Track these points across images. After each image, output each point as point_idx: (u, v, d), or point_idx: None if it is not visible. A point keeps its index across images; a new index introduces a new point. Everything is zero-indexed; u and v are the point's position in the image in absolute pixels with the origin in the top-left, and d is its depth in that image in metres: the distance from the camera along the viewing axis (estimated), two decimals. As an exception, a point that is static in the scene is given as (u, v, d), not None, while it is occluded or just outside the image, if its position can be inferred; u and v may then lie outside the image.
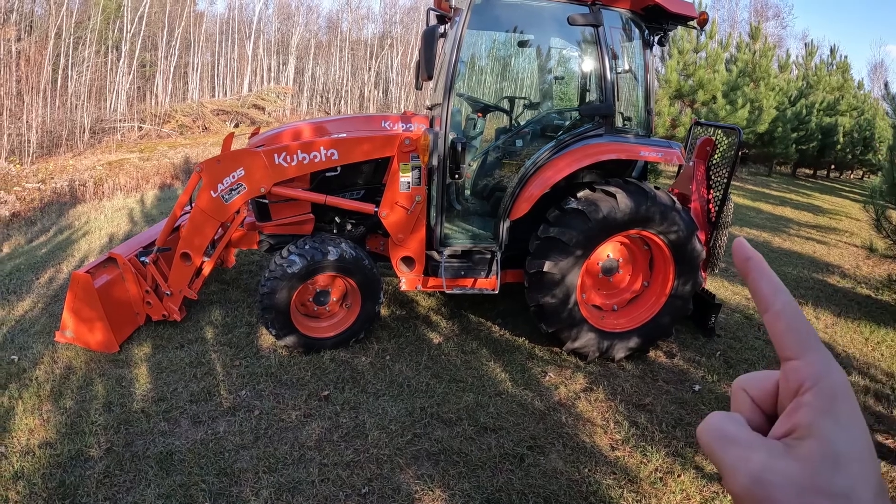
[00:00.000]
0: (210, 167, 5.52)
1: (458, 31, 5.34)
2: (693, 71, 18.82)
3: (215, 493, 3.92)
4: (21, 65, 26.02)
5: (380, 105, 49.71)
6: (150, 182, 16.91)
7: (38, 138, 24.60)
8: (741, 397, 0.65)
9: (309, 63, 48.90)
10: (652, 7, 5.63)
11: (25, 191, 16.98)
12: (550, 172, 5.49)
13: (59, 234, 10.71)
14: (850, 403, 0.55)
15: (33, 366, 5.45)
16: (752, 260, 0.63)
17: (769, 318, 0.60)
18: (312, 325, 5.73)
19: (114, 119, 30.80)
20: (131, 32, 35.75)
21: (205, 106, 32.39)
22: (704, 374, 5.70)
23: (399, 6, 54.89)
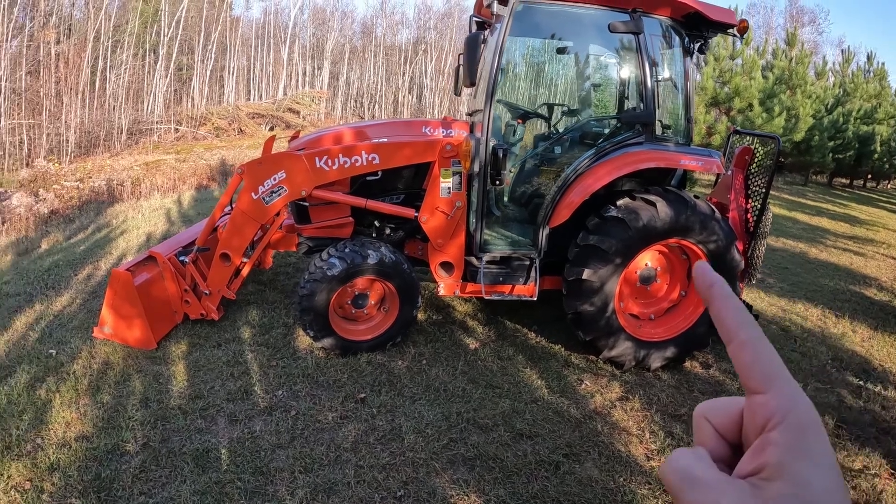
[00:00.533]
0: (251, 169, 5.56)
1: (500, 38, 5.34)
2: (729, 78, 18.67)
3: (251, 492, 3.95)
4: (60, 67, 26.39)
5: (413, 110, 49.80)
6: (186, 183, 17.08)
7: (76, 138, 24.95)
8: (703, 426, 0.62)
9: (343, 68, 49.15)
10: (693, 14, 5.59)
11: (64, 189, 17.20)
12: (591, 180, 5.47)
13: (97, 232, 10.85)
14: (820, 439, 0.52)
15: (71, 360, 5.53)
16: (716, 286, 0.59)
17: (733, 350, 0.57)
18: (350, 328, 5.75)
19: (151, 121, 31.13)
20: (168, 36, 36.13)
21: (240, 109, 32.66)
22: (740, 386, 5.55)
23: (433, 12, 55.22)
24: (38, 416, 4.76)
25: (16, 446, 4.38)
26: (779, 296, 8.36)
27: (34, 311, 6.77)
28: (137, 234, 10.11)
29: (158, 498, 3.90)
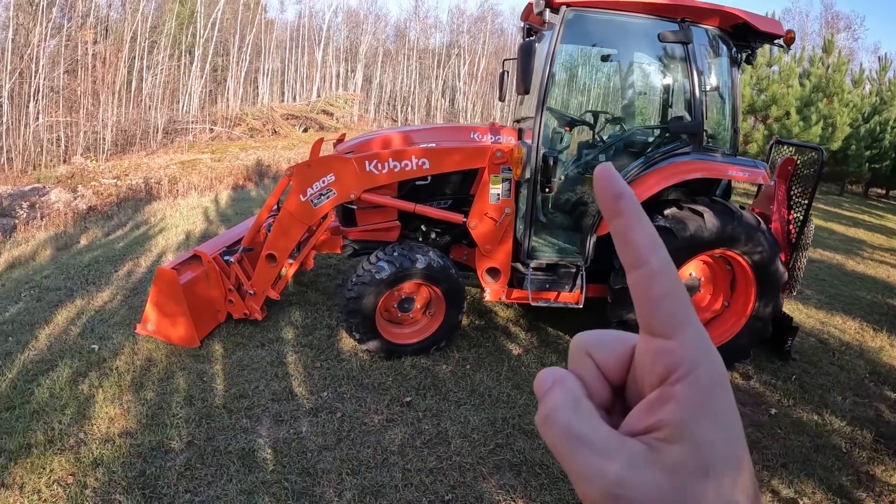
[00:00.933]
0: (300, 171, 5.58)
1: (552, 46, 5.35)
2: (766, 85, 18.47)
3: (298, 493, 3.96)
4: (97, 66, 26.69)
5: (446, 114, 49.85)
6: (223, 182, 17.19)
7: (112, 136, 25.22)
8: (583, 361, 0.53)
9: (377, 71, 49.31)
10: (740, 25, 5.57)
11: (102, 186, 17.40)
12: (640, 189, 5.43)
13: (135, 229, 10.94)
14: (728, 400, 0.45)
15: (113, 356, 5.58)
16: (625, 198, 0.48)
17: (638, 278, 0.47)
18: (395, 331, 5.76)
19: (186, 120, 31.43)
20: (204, 38, 36.41)
21: (275, 110, 32.91)
22: (780, 398, 5.59)
23: (466, 16, 55.08)
24: (80, 410, 4.80)
25: (58, 440, 4.43)
26: (816, 308, 8.27)
27: (75, 305, 6.82)
28: (176, 233, 10.18)
29: (204, 496, 3.92)
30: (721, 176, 5.66)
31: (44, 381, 5.18)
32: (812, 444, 4.91)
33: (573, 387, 0.50)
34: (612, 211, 0.48)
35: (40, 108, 23.53)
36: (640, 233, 0.47)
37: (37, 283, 7.68)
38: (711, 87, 5.82)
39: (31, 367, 5.45)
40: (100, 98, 25.88)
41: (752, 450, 4.65)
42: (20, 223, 12.87)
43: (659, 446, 0.44)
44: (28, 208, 14.27)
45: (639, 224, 0.48)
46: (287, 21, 50.51)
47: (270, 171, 19.92)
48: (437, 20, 57.13)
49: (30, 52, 23.49)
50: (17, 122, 22.42)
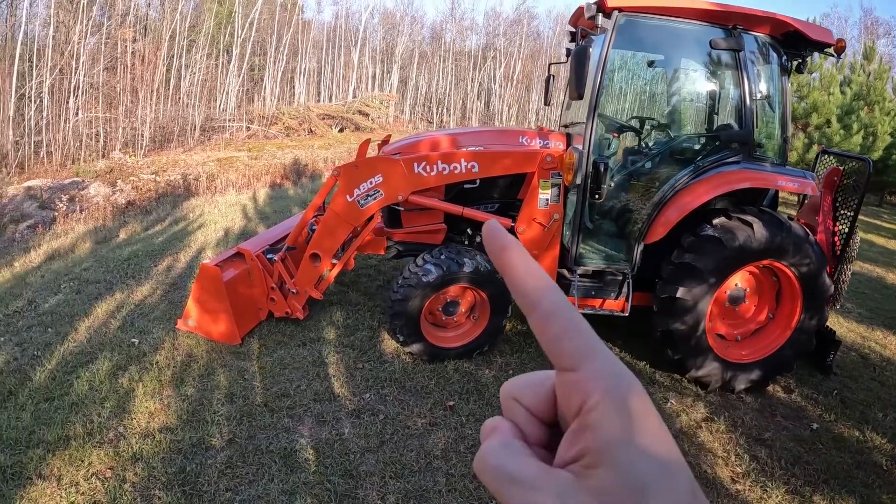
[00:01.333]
0: (348, 172, 5.55)
1: (604, 51, 5.30)
2: (807, 93, 18.16)
3: (341, 494, 3.93)
4: (136, 64, 26.96)
5: (481, 116, 49.83)
6: (260, 180, 17.29)
7: (150, 133, 25.45)
8: (514, 408, 0.54)
9: (412, 72, 49.45)
10: (791, 33, 5.50)
11: (140, 181, 17.55)
12: (689, 198, 5.40)
13: (174, 225, 11.00)
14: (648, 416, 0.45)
15: (153, 350, 5.61)
16: (512, 249, 0.51)
17: (536, 321, 0.49)
18: (439, 335, 5.73)
19: (223, 118, 31.75)
20: (241, 37, 36.72)
21: (311, 110, 33.13)
22: (822, 412, 5.50)
23: (502, 18, 54.89)
24: (120, 404, 4.82)
25: (97, 433, 4.44)
26: (857, 322, 8.12)
27: (115, 298, 6.85)
28: (215, 229, 10.22)
29: (245, 495, 3.90)
30: (771, 186, 5.58)
31: (83, 373, 5.20)
32: (853, 460, 4.82)
33: (505, 431, 0.52)
34: (500, 263, 0.51)
35: (80, 104, 23.80)
36: (530, 279, 0.50)
37: (76, 276, 7.72)
38: (762, 96, 5.75)
39: (71, 358, 5.48)
40: (139, 95, 26.13)
41: (794, 464, 4.65)
42: (60, 216, 12.98)
43: (585, 473, 0.45)
44: (67, 201, 14.40)
45: (527, 272, 0.50)
46: (324, 22, 50.88)
47: (307, 170, 19.99)
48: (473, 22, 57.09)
49: (70, 49, 23.78)
50: (57, 117, 22.69)
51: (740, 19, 5.35)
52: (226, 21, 37.13)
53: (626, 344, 6.36)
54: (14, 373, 5.23)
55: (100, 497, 3.82)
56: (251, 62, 38.61)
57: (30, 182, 16.84)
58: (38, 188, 15.87)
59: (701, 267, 5.20)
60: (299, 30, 43.12)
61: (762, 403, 5.54)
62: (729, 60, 5.57)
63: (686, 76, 6.60)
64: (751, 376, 5.58)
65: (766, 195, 5.93)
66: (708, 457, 4.66)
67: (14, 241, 12.18)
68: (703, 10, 5.30)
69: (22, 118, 21.47)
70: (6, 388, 4.98)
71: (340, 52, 46.80)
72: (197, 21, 34.85)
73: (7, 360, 5.45)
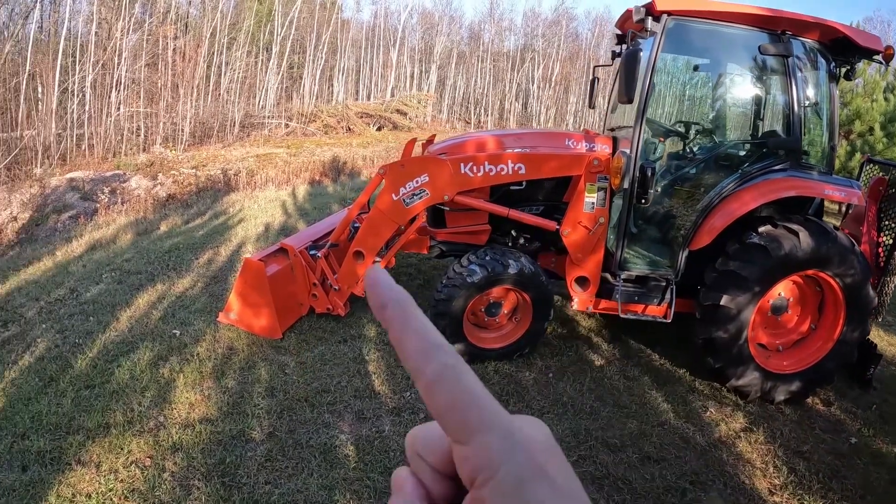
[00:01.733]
0: (394, 171, 5.56)
1: (653, 55, 5.25)
2: (850, 99, 17.82)
3: (381, 492, 3.93)
4: (177, 61, 27.25)
5: (519, 117, 49.68)
6: (300, 177, 17.44)
7: (190, 128, 25.73)
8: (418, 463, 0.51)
9: (450, 72, 49.46)
10: (840, 39, 5.42)
11: (181, 175, 17.73)
12: (736, 205, 5.34)
13: (214, 219, 11.10)
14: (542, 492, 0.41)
15: (194, 342, 5.66)
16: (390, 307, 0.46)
17: (422, 388, 0.45)
18: (480, 336, 5.73)
19: (262, 115, 32.03)
20: (281, 35, 37.00)
21: (349, 108, 33.34)
22: (860, 426, 5.40)
23: (541, 19, 54.63)
24: (160, 394, 4.87)
25: (137, 422, 4.49)
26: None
27: (156, 290, 6.92)
28: (255, 224, 10.29)
29: (284, 489, 3.92)
30: (817, 195, 5.54)
31: (124, 362, 5.26)
32: (891, 476, 4.73)
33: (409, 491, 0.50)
34: (381, 321, 0.47)
35: (121, 99, 24.12)
36: (410, 341, 0.46)
37: (118, 266, 7.81)
38: (810, 103, 5.68)
39: (112, 347, 5.55)
40: (179, 91, 26.44)
41: (832, 478, 4.58)
42: (101, 207, 13.19)
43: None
44: (109, 193, 14.63)
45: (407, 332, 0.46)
46: (363, 21, 50.88)
47: (346, 167, 20.09)
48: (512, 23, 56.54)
49: (112, 45, 24.09)
50: (99, 111, 23.00)
51: (789, 25, 5.29)
52: (266, 19, 37.44)
53: (666, 350, 6.30)
54: (55, 359, 5.31)
55: (138, 485, 3.86)
56: (290, 60, 38.89)
57: (72, 174, 17.09)
58: (81, 180, 16.10)
59: (746, 275, 5.14)
60: (338, 28, 43.36)
61: (801, 415, 5.46)
62: (777, 66, 5.52)
63: (732, 81, 6.53)
64: (791, 387, 5.50)
65: (812, 204, 5.84)
66: (746, 467, 4.60)
67: (56, 231, 12.38)
68: (753, 15, 5.25)
69: (64, 111, 21.77)
70: (47, 375, 5.06)
71: (379, 51, 46.94)
72: (237, 19, 35.17)
73: (49, 347, 5.52)
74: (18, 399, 4.71)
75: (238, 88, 31.89)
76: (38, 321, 6.13)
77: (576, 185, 5.61)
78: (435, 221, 6.02)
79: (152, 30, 27.27)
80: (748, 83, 6.16)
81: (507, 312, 5.72)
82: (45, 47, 23.12)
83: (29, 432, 4.29)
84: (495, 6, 54.41)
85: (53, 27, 25.16)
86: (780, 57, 5.33)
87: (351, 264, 5.79)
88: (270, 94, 35.16)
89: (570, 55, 53.22)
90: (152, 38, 27.10)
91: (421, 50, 50.04)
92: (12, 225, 13.16)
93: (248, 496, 3.80)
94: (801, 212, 5.54)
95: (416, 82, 48.25)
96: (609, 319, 6.79)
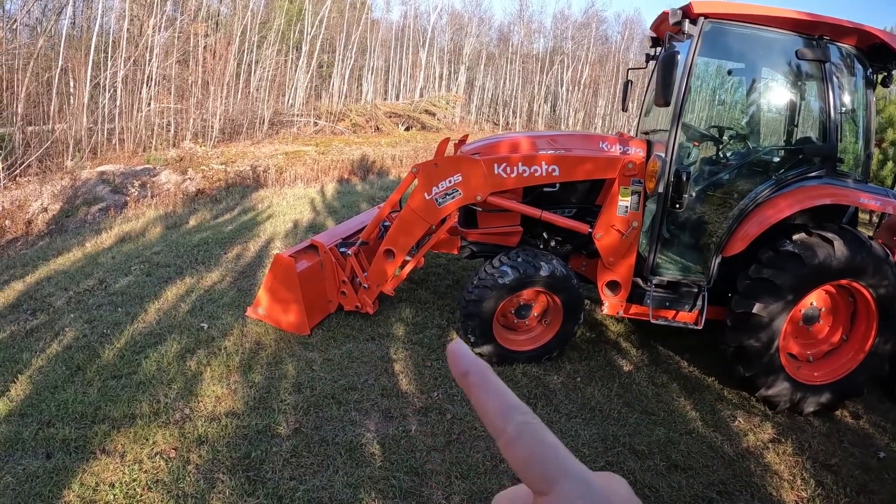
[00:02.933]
0: (427, 170, 5.55)
1: (689, 58, 5.21)
2: (883, 107, 17.56)
3: (406, 491, 3.90)
4: (208, 58, 27.41)
5: (548, 120, 49.47)
6: (328, 175, 17.51)
7: (220, 125, 25.87)
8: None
9: (479, 73, 49.40)
10: (878, 45, 5.34)
11: (211, 171, 17.85)
12: (771, 212, 5.26)
13: (243, 214, 11.15)
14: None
15: (222, 336, 5.68)
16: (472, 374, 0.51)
17: (503, 446, 0.49)
18: (510, 337, 5.70)
19: (291, 113, 32.20)
20: (311, 34, 37.09)
21: (378, 108, 33.45)
22: (889, 441, 5.30)
23: (570, 22, 54.34)
24: (187, 386, 4.90)
25: (163, 413, 4.51)
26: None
27: (185, 283, 6.95)
28: (284, 220, 10.33)
29: (309, 485, 3.91)
30: (853, 203, 5.42)
31: (151, 353, 5.29)
32: (919, 492, 4.65)
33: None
34: (463, 386, 0.52)
35: (152, 95, 24.26)
36: (491, 403, 0.50)
37: (147, 259, 7.85)
38: (846, 109, 5.61)
39: (140, 339, 5.58)
40: (209, 88, 26.58)
41: (860, 493, 4.50)
42: (131, 200, 13.30)
43: None
44: (139, 187, 14.74)
45: (488, 396, 0.50)
46: (392, 21, 50.88)
47: (375, 166, 20.14)
48: (541, 25, 56.26)
49: (144, 42, 24.25)
50: (130, 106, 23.16)
51: (827, 29, 5.22)
52: (296, 18, 37.58)
53: (695, 358, 6.24)
54: (83, 349, 5.34)
55: (162, 476, 3.87)
56: (320, 59, 39.00)
57: (103, 167, 17.22)
58: (111, 173, 16.22)
59: (779, 283, 5.07)
60: (368, 28, 43.47)
61: (830, 428, 5.38)
62: (813, 71, 5.43)
63: (767, 86, 6.45)
64: (820, 399, 5.42)
65: (847, 212, 5.75)
66: (774, 479, 4.54)
67: (86, 223, 12.47)
68: (790, 19, 5.18)
69: (96, 106, 21.93)
70: (75, 364, 5.09)
71: (408, 52, 46.99)
72: (267, 17, 35.34)
73: (77, 337, 5.55)
74: (45, 387, 4.75)
75: (268, 86, 32.01)
76: (67, 311, 6.17)
77: (609, 188, 5.57)
78: (466, 222, 5.98)
79: (183, 27, 27.45)
80: (784, 88, 6.08)
81: (537, 315, 5.69)
82: (78, 43, 23.33)
83: (55, 420, 4.32)
84: (525, 8, 54.41)
85: (86, 23, 25.38)
86: (817, 62, 5.26)
87: (381, 263, 5.79)
88: (300, 92, 35.28)
89: (599, 58, 52.93)
90: (183, 36, 27.29)
91: (450, 51, 49.97)
92: (43, 216, 13.27)
93: (273, 491, 3.79)
94: (835, 220, 5.46)
95: (445, 83, 48.20)
96: (639, 325, 6.73)
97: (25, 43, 20.43)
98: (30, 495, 3.62)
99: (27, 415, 4.38)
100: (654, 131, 6.07)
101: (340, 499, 3.77)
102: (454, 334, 6.03)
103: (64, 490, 3.69)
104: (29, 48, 19.85)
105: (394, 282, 5.90)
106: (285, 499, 3.73)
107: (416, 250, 5.92)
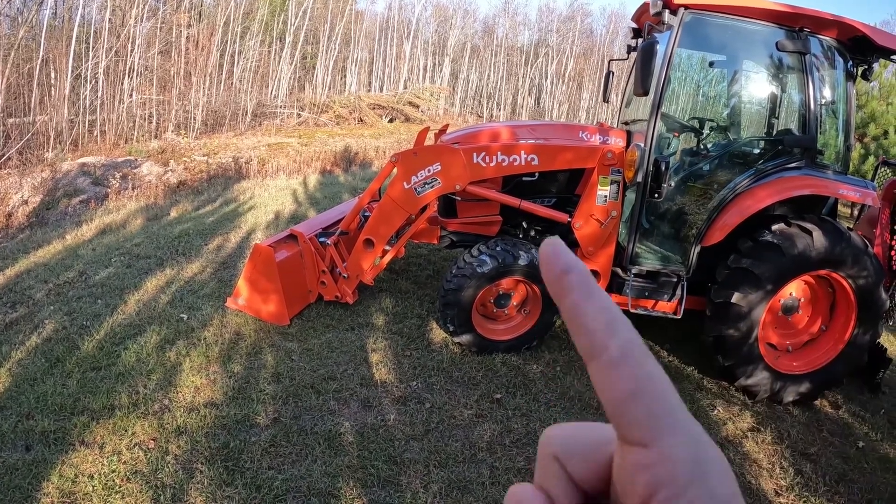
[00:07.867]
0: (406, 159, 5.55)
1: (669, 49, 5.24)
2: (865, 102, 17.68)
3: (384, 480, 3.92)
4: (190, 49, 27.25)
5: (532, 112, 49.56)
6: (311, 166, 17.46)
7: (203, 116, 25.76)
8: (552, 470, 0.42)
9: (464, 65, 49.39)
10: (859, 38, 5.38)
11: (193, 162, 17.79)
12: (750, 202, 5.31)
13: (225, 206, 11.12)
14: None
15: (202, 327, 5.67)
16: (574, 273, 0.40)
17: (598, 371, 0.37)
18: (489, 327, 5.71)
19: (274, 104, 32.06)
20: (295, 25, 36.97)
21: (362, 99, 33.35)
22: (868, 430, 5.39)
23: (555, 14, 54.40)
24: (166, 377, 4.88)
25: (142, 404, 4.49)
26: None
27: (165, 274, 6.92)
28: (265, 211, 10.32)
29: (287, 475, 3.92)
30: (832, 194, 5.49)
31: (131, 345, 5.27)
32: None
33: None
34: (559, 288, 0.40)
35: (134, 86, 24.09)
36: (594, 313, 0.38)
37: (127, 250, 7.81)
38: (826, 101, 5.65)
39: (119, 330, 5.56)
40: (192, 79, 26.42)
41: (838, 482, 4.56)
42: (112, 192, 13.24)
43: None
44: (120, 179, 14.67)
45: (590, 302, 0.39)
46: (376, 13, 50.80)
47: (358, 158, 20.11)
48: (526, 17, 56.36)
49: (126, 33, 24.07)
50: (112, 97, 22.98)
51: (808, 21, 5.25)
52: (279, 9, 37.43)
53: (675, 347, 6.29)
54: (62, 341, 5.31)
55: (141, 467, 3.86)
56: (304, 50, 38.88)
57: (84, 158, 17.11)
58: (92, 165, 16.12)
59: (758, 273, 5.11)
60: (352, 20, 43.32)
61: (809, 417, 5.45)
62: (794, 63, 5.47)
63: (748, 78, 6.49)
64: (800, 389, 5.48)
65: (826, 204, 5.81)
66: (752, 467, 4.59)
67: (67, 215, 12.40)
68: (772, 11, 5.22)
69: (77, 97, 21.77)
70: (54, 356, 5.07)
71: (392, 44, 46.84)
72: (251, 8, 35.16)
73: (56, 329, 5.53)
74: (24, 379, 4.71)
75: (251, 77, 31.89)
76: (47, 303, 6.13)
77: (589, 177, 5.58)
78: (446, 211, 6.00)
79: (166, 17, 27.27)
80: (764, 80, 6.11)
81: (517, 304, 5.71)
82: (59, 33, 23.12)
83: (34, 412, 4.29)
84: (509, 1, 54.32)
85: (67, 13, 25.20)
86: (798, 54, 5.29)
87: (361, 252, 5.78)
88: (283, 83, 35.15)
89: (584, 51, 53.03)
90: (166, 26, 27.09)
91: (434, 43, 49.88)
92: (23, 208, 13.17)
93: (251, 481, 3.79)
94: (814, 211, 5.51)
95: (429, 75, 48.11)
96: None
97: (6, 33, 20.22)
98: (9, 487, 3.60)
99: (6, 407, 4.35)
100: (635, 121, 6.09)
101: (319, 488, 3.78)
102: (433, 324, 6.02)
103: (43, 482, 3.67)
104: (9, 39, 19.65)
105: (373, 271, 5.89)
106: (264, 488, 3.73)
107: (395, 240, 5.92)
